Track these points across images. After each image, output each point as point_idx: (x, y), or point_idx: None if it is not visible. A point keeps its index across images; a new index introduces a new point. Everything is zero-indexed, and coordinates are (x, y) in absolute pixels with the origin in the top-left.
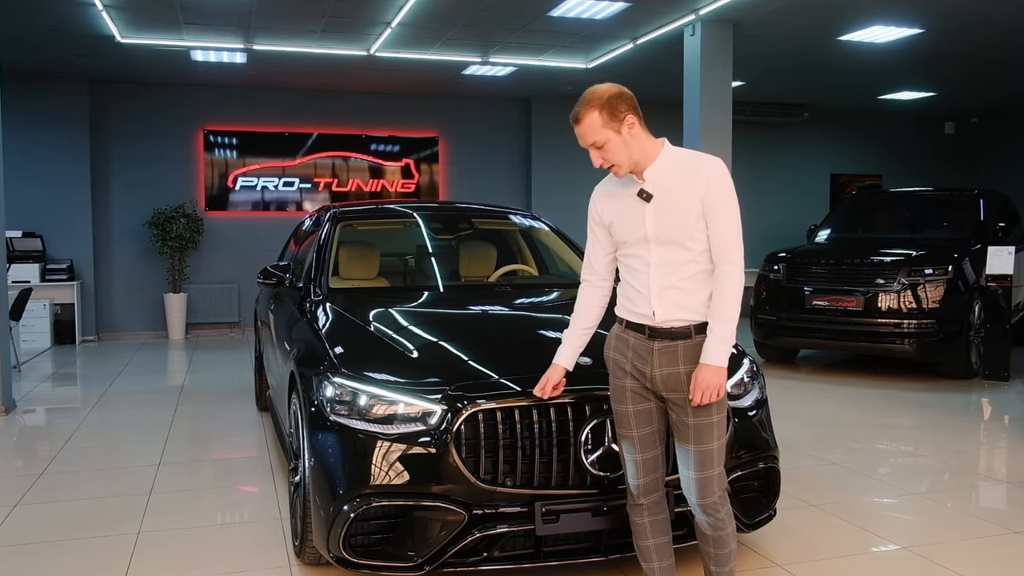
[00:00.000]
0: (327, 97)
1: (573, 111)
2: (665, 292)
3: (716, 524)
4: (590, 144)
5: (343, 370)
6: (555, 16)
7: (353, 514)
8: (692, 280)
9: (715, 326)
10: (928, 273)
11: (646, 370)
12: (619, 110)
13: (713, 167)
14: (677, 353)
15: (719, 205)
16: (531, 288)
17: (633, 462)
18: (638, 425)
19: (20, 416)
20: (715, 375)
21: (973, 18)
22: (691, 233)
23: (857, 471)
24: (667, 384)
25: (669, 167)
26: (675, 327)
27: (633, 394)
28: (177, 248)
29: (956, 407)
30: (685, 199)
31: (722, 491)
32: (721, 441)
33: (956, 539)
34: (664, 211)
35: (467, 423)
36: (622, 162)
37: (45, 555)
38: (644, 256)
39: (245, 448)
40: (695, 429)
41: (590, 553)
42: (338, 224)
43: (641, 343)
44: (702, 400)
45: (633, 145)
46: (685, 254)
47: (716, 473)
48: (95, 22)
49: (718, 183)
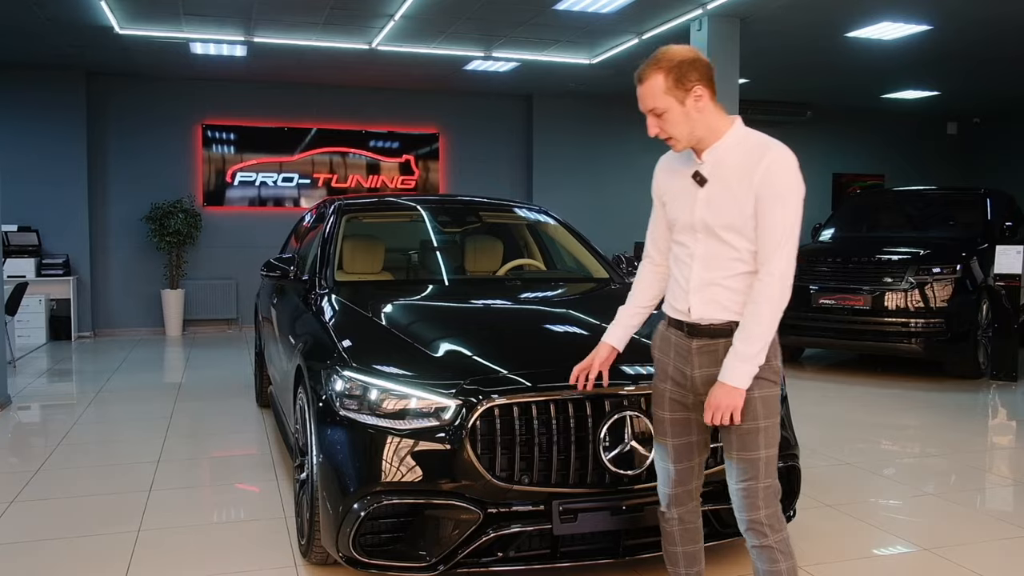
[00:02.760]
0: (327, 92)
1: (638, 69)
2: (706, 288)
3: (766, 555)
4: (649, 109)
5: (353, 363)
6: (560, 10)
7: (364, 512)
8: (737, 279)
9: (736, 342)
10: (936, 272)
11: (687, 371)
12: (688, 78)
13: (775, 155)
14: (718, 352)
15: (770, 201)
16: (540, 282)
17: (665, 471)
18: (674, 434)
19: (15, 412)
20: (729, 396)
21: (983, 14)
22: (741, 228)
23: (867, 470)
24: (707, 387)
25: (732, 150)
26: (714, 323)
27: (672, 401)
28: (175, 243)
29: (964, 407)
30: (740, 189)
31: (773, 510)
32: (770, 451)
33: (977, 541)
34: (717, 199)
35: (482, 418)
36: (681, 136)
37: (42, 554)
38: (690, 245)
39: (246, 445)
40: (738, 435)
41: (607, 554)
42: (343, 217)
43: (682, 342)
44: (713, 421)
45: (696, 120)
46: (730, 251)
47: (762, 486)
48: (93, 13)
49: (776, 175)
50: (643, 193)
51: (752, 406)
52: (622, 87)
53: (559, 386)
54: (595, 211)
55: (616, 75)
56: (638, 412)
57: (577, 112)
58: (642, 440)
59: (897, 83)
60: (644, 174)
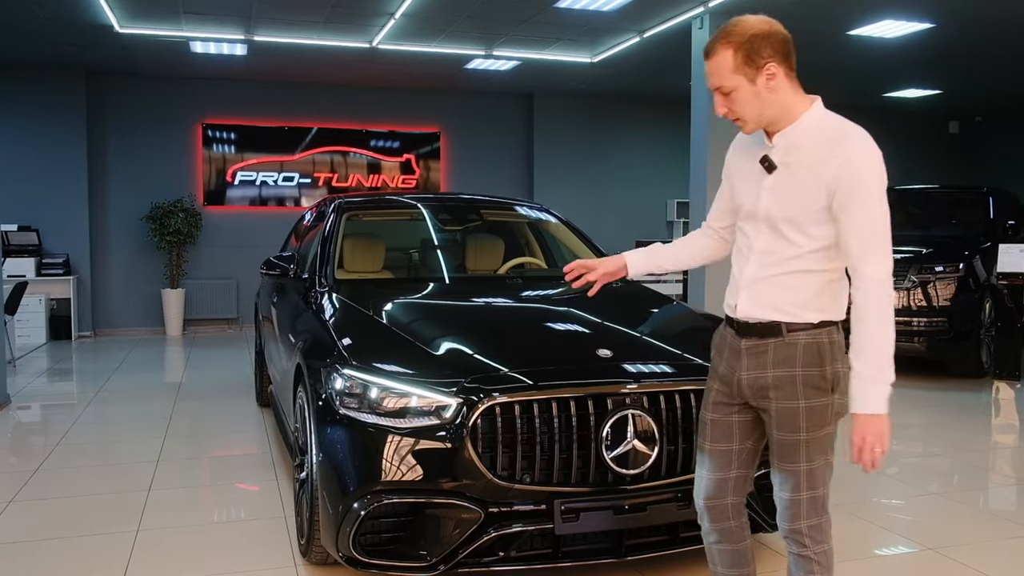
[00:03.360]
0: (327, 91)
1: (708, 42)
2: (757, 285)
3: (804, 564)
4: (715, 87)
5: (353, 362)
6: (561, 8)
7: (364, 512)
8: (793, 278)
9: (855, 363)
10: (939, 271)
11: (735, 373)
12: (760, 54)
13: (856, 142)
14: (767, 355)
15: (856, 194)
16: (541, 280)
17: (700, 478)
18: (713, 438)
19: (15, 412)
20: (871, 425)
21: (985, 12)
22: (805, 225)
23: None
24: (754, 392)
25: (807, 134)
26: (763, 321)
27: (716, 403)
28: (175, 243)
29: (967, 406)
30: (810, 179)
31: (816, 522)
32: (813, 463)
33: (981, 540)
34: (784, 189)
35: (483, 417)
36: (749, 117)
37: (41, 554)
38: (751, 236)
39: (246, 445)
40: (779, 445)
41: (610, 554)
42: (343, 215)
43: (735, 341)
44: (863, 460)
45: (768, 100)
46: (790, 248)
47: (805, 497)
48: (93, 11)
49: (859, 165)
50: (644, 193)
51: (793, 416)
52: (623, 86)
53: (561, 384)
54: (596, 210)
55: (617, 74)
56: (640, 410)
57: (578, 111)
58: (644, 439)
59: (899, 82)
60: (645, 174)
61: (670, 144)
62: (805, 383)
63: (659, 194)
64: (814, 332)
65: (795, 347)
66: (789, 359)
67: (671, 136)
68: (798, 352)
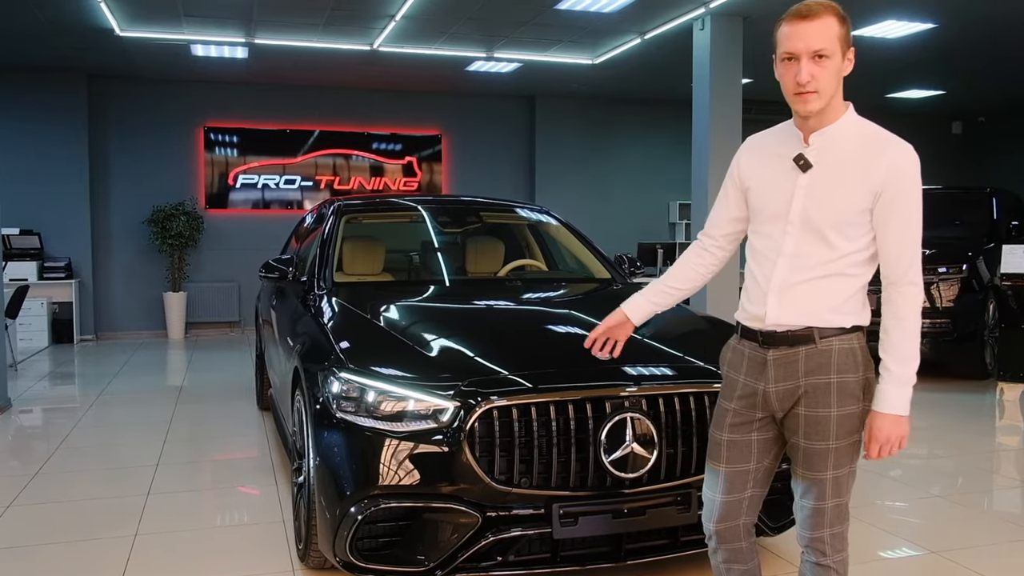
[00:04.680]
0: (329, 94)
1: (800, 6)
2: (788, 291)
3: (822, 573)
4: (814, 51)
5: (350, 365)
6: (562, 9)
7: (361, 516)
8: (828, 282)
9: (892, 365)
10: (942, 272)
11: (759, 386)
12: (850, 37)
13: (903, 150)
14: (798, 364)
15: (902, 204)
16: (541, 283)
17: (710, 501)
18: (729, 459)
19: (16, 415)
20: (897, 425)
21: (988, 12)
22: (845, 228)
23: (873, 472)
24: (783, 403)
25: (846, 135)
26: (793, 330)
27: (733, 424)
28: (177, 246)
29: (970, 408)
30: (854, 181)
31: (839, 531)
32: (840, 471)
33: (985, 543)
34: (821, 189)
35: (481, 420)
36: (826, 91)
37: (38, 559)
38: (777, 239)
39: (246, 448)
40: (805, 454)
41: (609, 558)
42: (342, 217)
43: (756, 354)
44: (879, 455)
45: (839, 84)
46: (827, 252)
47: (830, 506)
48: (94, 15)
49: (907, 172)
50: (646, 195)
51: (824, 424)
52: (625, 88)
53: (560, 387)
54: (598, 213)
55: (619, 76)
56: (639, 414)
57: (580, 113)
58: (643, 442)
59: (901, 82)
60: (647, 176)
61: (672, 146)
62: (840, 390)
63: (661, 196)
64: (847, 337)
65: (828, 354)
66: (823, 366)
67: (673, 138)
68: (832, 359)
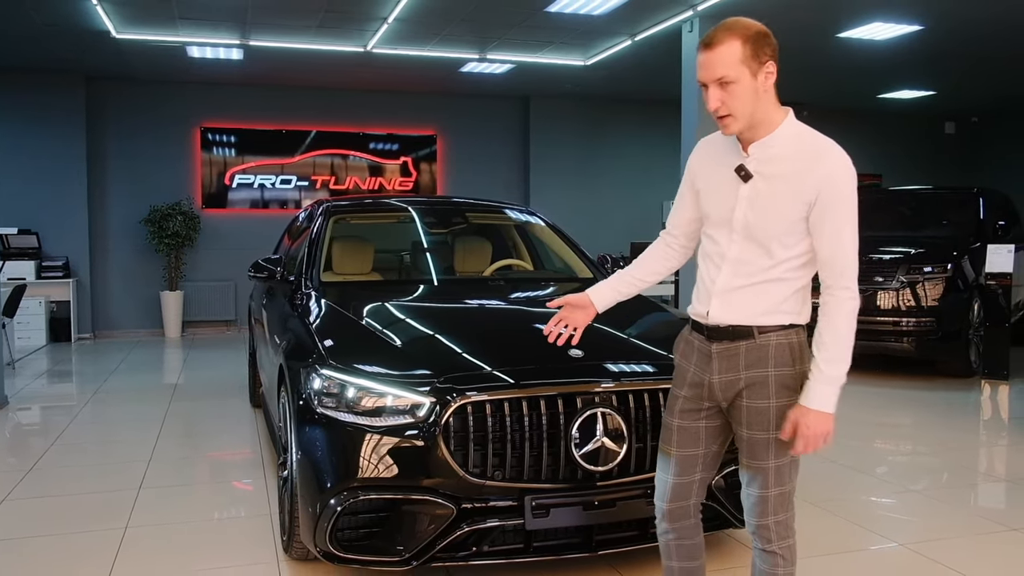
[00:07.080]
0: (325, 95)
1: (707, 34)
2: (729, 295)
3: (769, 559)
4: (716, 79)
5: (331, 362)
6: (552, 12)
7: (340, 508)
8: (767, 286)
9: (822, 364)
10: (927, 271)
11: (705, 377)
12: (763, 52)
13: (837, 159)
14: (739, 357)
15: (836, 211)
16: (525, 282)
17: (663, 483)
18: (679, 443)
19: (13, 412)
20: (821, 422)
21: (974, 14)
22: (783, 237)
23: (855, 469)
24: (725, 393)
25: (784, 145)
26: (734, 325)
27: (683, 410)
28: (174, 246)
29: (955, 406)
30: (790, 192)
31: (783, 518)
32: (781, 460)
33: (955, 536)
34: (761, 200)
35: (456, 415)
36: (741, 114)
37: (28, 551)
38: (723, 245)
39: (237, 445)
40: (748, 444)
41: (580, 548)
42: (331, 218)
43: (703, 346)
44: (805, 450)
45: (761, 100)
46: (767, 260)
47: (773, 494)
48: (90, 18)
49: (839, 182)
50: (639, 194)
51: (764, 415)
52: (618, 88)
53: (533, 383)
54: (592, 212)
55: (611, 76)
56: (610, 409)
57: (574, 113)
58: (613, 436)
59: (892, 83)
60: (640, 176)
61: (665, 146)
62: (778, 383)
63: (654, 196)
64: (784, 333)
65: (767, 348)
66: (762, 360)
67: (666, 138)
68: (770, 353)
